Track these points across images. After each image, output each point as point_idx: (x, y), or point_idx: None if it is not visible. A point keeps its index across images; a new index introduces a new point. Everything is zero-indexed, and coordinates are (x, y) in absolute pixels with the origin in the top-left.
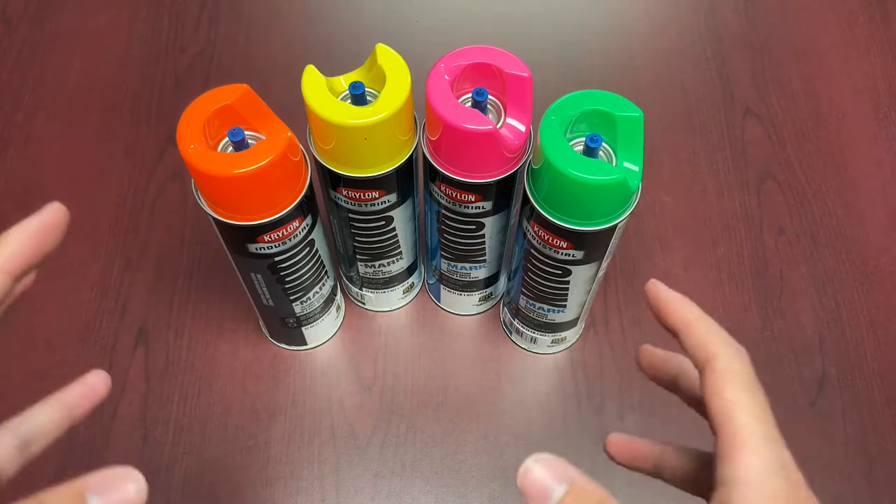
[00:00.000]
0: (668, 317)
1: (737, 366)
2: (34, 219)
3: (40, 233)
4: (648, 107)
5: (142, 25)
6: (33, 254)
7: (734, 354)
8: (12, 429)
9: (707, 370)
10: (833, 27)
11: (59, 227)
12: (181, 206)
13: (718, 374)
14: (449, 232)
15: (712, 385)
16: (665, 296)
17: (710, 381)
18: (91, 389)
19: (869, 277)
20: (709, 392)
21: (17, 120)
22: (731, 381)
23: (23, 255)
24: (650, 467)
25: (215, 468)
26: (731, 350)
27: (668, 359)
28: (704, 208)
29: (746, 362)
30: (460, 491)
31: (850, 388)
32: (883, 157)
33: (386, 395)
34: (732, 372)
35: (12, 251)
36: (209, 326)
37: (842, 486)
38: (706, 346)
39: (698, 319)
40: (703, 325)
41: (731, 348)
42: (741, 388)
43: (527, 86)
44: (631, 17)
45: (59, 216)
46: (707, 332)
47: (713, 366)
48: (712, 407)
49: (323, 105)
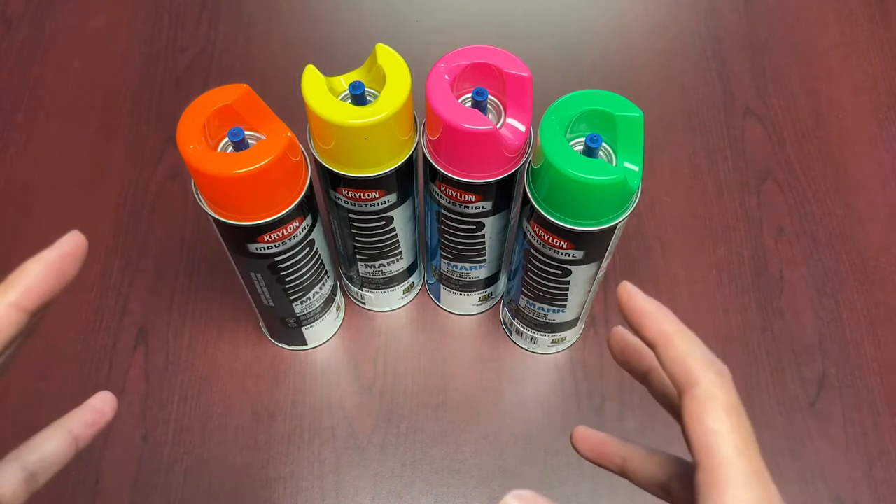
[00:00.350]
0: (645, 328)
1: (720, 392)
2: (52, 249)
3: (58, 264)
4: (648, 107)
5: (142, 25)
6: (51, 287)
7: (717, 380)
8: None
9: (688, 396)
10: (833, 27)
11: (78, 256)
12: (181, 206)
13: (700, 402)
14: (449, 232)
15: (693, 412)
16: (641, 304)
17: (691, 408)
18: (97, 414)
19: (869, 277)
20: (689, 419)
21: (17, 120)
22: (713, 409)
23: (40, 289)
24: (616, 468)
25: (215, 468)
26: (713, 374)
27: (641, 352)
28: (704, 208)
29: (730, 387)
30: (460, 491)
31: (850, 388)
32: (883, 157)
33: (386, 395)
34: (715, 399)
35: (29, 285)
36: (209, 326)
37: (842, 486)
38: (687, 369)
39: (678, 334)
40: (683, 343)
41: (714, 372)
42: (724, 416)
43: (527, 86)
44: (631, 17)
45: (78, 245)
46: (688, 351)
47: (694, 392)
48: (693, 435)
49: (323, 105)
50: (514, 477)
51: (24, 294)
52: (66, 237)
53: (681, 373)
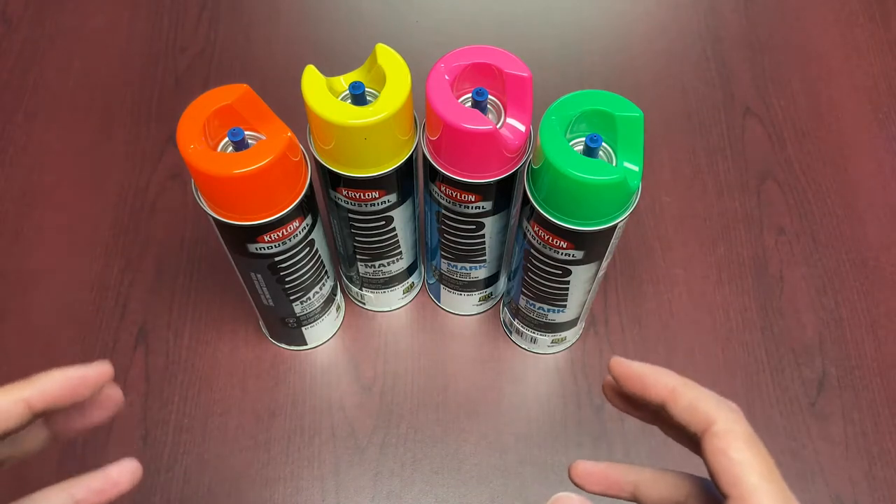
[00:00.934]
0: (649, 390)
1: (737, 426)
2: (80, 369)
3: (79, 383)
4: (648, 107)
5: (142, 25)
6: (61, 398)
7: (732, 415)
8: None
9: (707, 434)
10: (833, 27)
11: (97, 383)
12: (181, 206)
13: (720, 437)
14: (449, 232)
15: (715, 447)
16: (637, 370)
17: (713, 444)
18: (110, 483)
19: (869, 277)
20: (712, 454)
21: (17, 120)
22: (735, 441)
23: (52, 396)
24: (627, 495)
25: (215, 468)
26: (727, 411)
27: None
28: (704, 208)
29: (744, 421)
30: (460, 491)
31: (850, 388)
32: (883, 157)
33: (386, 395)
34: (734, 433)
35: (44, 388)
36: (209, 326)
37: (842, 486)
38: (701, 413)
39: (682, 386)
40: (690, 392)
41: (726, 410)
42: (745, 447)
43: (527, 86)
44: (631, 18)
45: (102, 375)
46: (697, 397)
47: (713, 430)
48: (718, 468)
49: (323, 105)
50: (514, 477)
51: (36, 394)
52: (98, 364)
53: (696, 417)
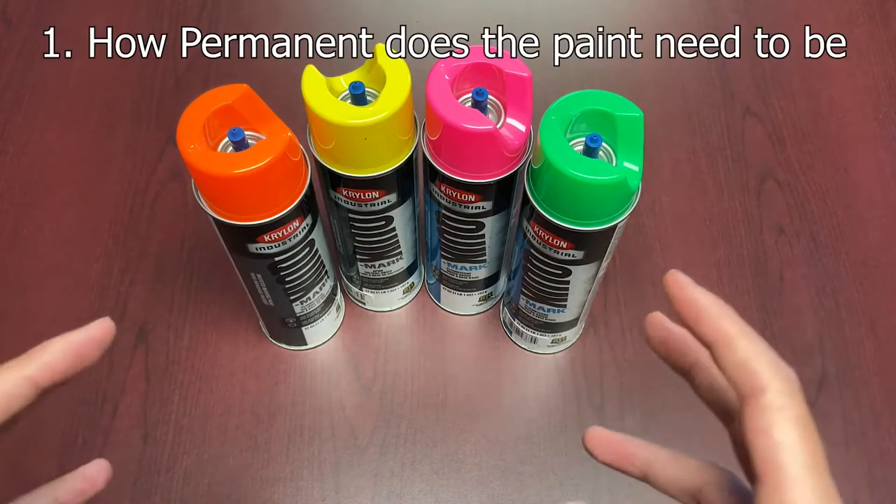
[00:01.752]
0: (702, 325)
1: (789, 402)
2: (80, 332)
3: (82, 346)
4: (648, 107)
5: (142, 25)
6: (69, 367)
7: (786, 387)
8: None
9: (752, 403)
10: (833, 27)
11: (103, 342)
12: (181, 206)
13: (767, 412)
14: (449, 232)
15: (758, 423)
16: (698, 299)
17: (756, 418)
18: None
19: (869, 277)
20: (752, 429)
21: (17, 120)
22: (783, 420)
23: (57, 368)
24: (637, 471)
25: (215, 468)
26: (782, 381)
27: (684, 344)
28: (704, 208)
29: (799, 395)
30: (460, 491)
31: (850, 388)
32: (883, 157)
33: (386, 395)
34: (784, 409)
35: (48, 361)
36: (209, 326)
37: (842, 486)
38: (753, 374)
39: (742, 335)
40: (749, 345)
41: (783, 378)
42: (794, 430)
43: (527, 86)
44: (631, 17)
45: (106, 331)
46: (753, 353)
47: (761, 401)
48: (757, 448)
49: (323, 105)
50: (514, 477)
51: (40, 369)
52: (98, 322)
53: (744, 378)
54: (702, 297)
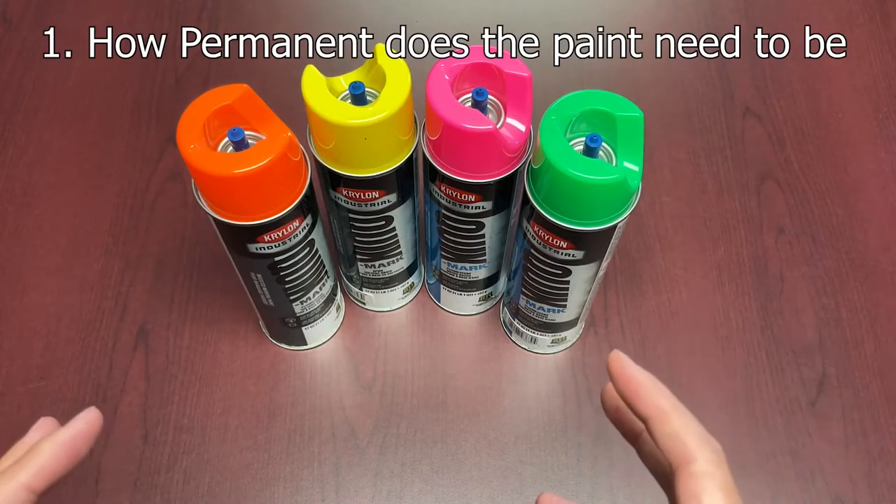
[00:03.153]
0: (639, 402)
1: (716, 470)
2: (67, 429)
3: (71, 444)
4: (648, 107)
5: (142, 25)
6: (62, 467)
7: (713, 457)
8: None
9: (684, 473)
10: (833, 27)
11: (92, 434)
12: (181, 206)
13: (696, 479)
14: (449, 232)
15: (688, 489)
16: (635, 376)
17: (687, 485)
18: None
19: (869, 277)
20: (684, 495)
21: (17, 120)
22: (710, 488)
23: (51, 470)
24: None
25: (215, 468)
26: (710, 452)
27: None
28: (704, 208)
29: (724, 465)
30: (460, 491)
31: (850, 388)
32: (883, 157)
33: (386, 395)
34: (712, 478)
35: (41, 466)
36: (209, 326)
37: (842, 486)
38: (684, 445)
39: (674, 410)
40: (678, 418)
41: (710, 450)
42: (720, 496)
43: (527, 86)
44: (631, 17)
45: (93, 423)
46: (683, 427)
47: (691, 469)
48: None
49: (323, 105)
50: (514, 477)
51: (34, 475)
52: (82, 415)
53: (675, 448)
54: (639, 374)
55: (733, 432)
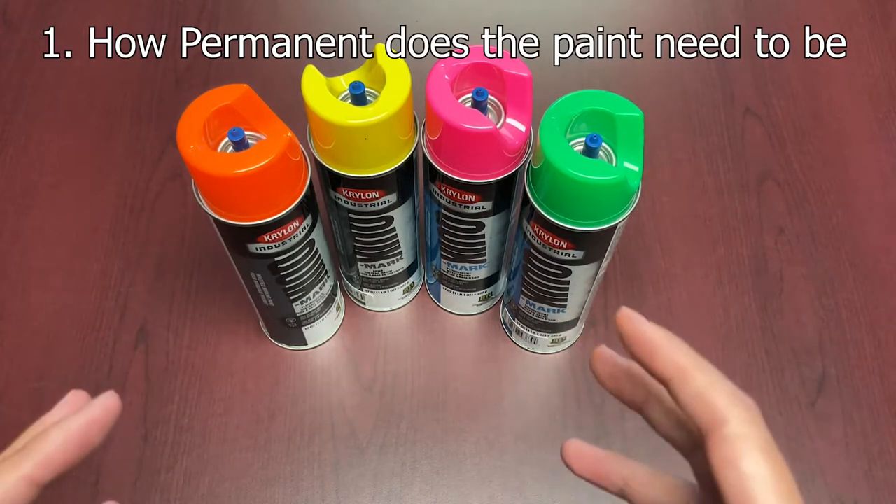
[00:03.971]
0: (656, 361)
1: (751, 430)
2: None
3: (83, 432)
4: (648, 107)
5: (142, 25)
6: (71, 458)
7: (747, 416)
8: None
9: (716, 436)
10: (833, 27)
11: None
12: (181, 206)
13: (731, 443)
14: (449, 232)
15: (724, 455)
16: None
17: (722, 450)
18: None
19: (869, 277)
20: (720, 462)
21: (17, 120)
22: (749, 450)
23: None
24: (615, 489)
25: (215, 468)
26: (743, 410)
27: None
28: (704, 208)
29: (761, 423)
30: (460, 491)
31: (850, 388)
32: (883, 157)
33: (386, 395)
34: (749, 439)
35: (48, 455)
36: (209, 326)
37: (842, 486)
38: (712, 406)
39: (697, 368)
40: (704, 377)
41: (743, 407)
42: (762, 459)
43: (527, 86)
44: (631, 17)
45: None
46: (710, 385)
47: (724, 432)
48: (726, 482)
49: (323, 105)
50: (514, 477)
51: (39, 466)
52: (100, 399)
53: (704, 410)
54: (654, 332)
55: None
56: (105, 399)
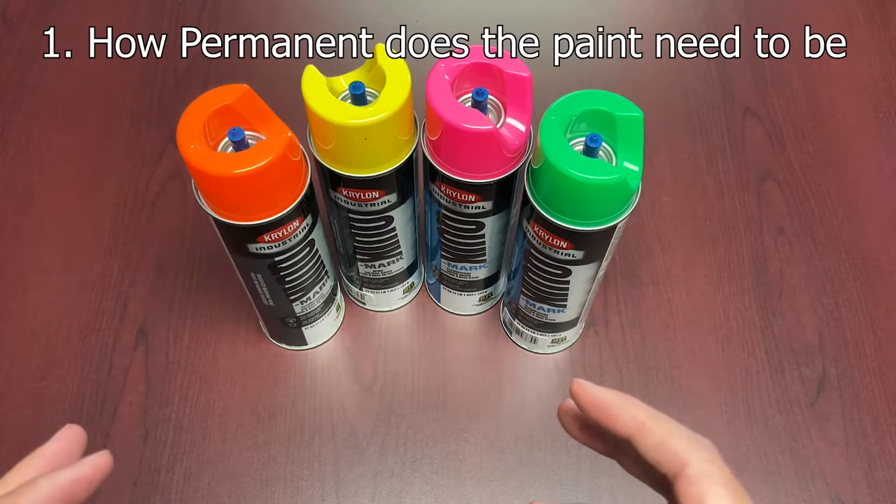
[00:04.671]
0: (616, 421)
1: (713, 468)
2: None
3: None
4: (648, 107)
5: (142, 25)
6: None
7: (706, 455)
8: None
9: (682, 478)
10: (833, 27)
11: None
12: (181, 206)
13: (696, 482)
14: (449, 232)
15: (691, 493)
16: (603, 397)
17: (689, 491)
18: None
19: (869, 277)
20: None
21: (17, 120)
22: (712, 486)
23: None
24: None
25: (215, 468)
26: (702, 450)
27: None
28: (704, 208)
29: (720, 460)
30: (460, 491)
31: (850, 388)
32: (883, 158)
33: (386, 395)
34: (711, 475)
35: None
36: (209, 326)
37: (842, 486)
38: (674, 452)
39: (653, 420)
40: (662, 427)
41: (702, 448)
42: (723, 493)
43: (527, 86)
44: (631, 17)
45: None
46: (669, 433)
47: (687, 473)
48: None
49: (323, 105)
50: (514, 477)
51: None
52: (91, 458)
53: (666, 457)
54: (608, 395)
55: (733, 432)
56: (97, 458)
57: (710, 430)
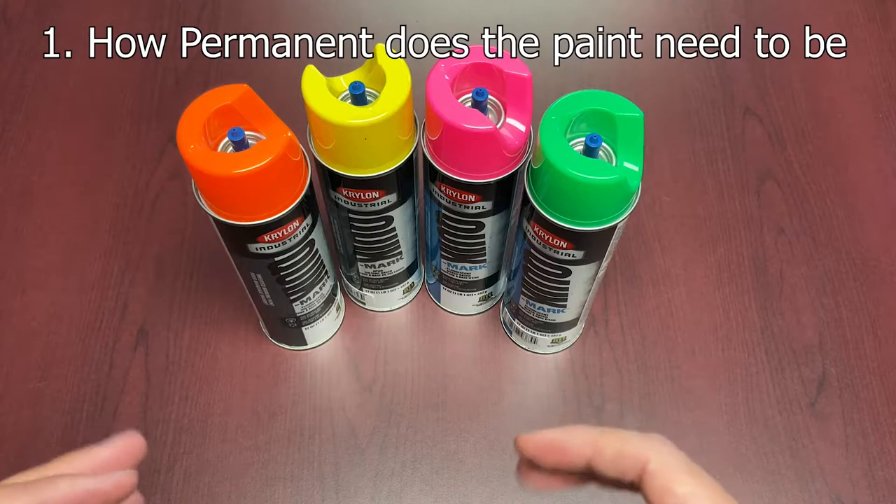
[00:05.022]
0: (570, 454)
1: (670, 458)
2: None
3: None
4: (648, 107)
5: (142, 25)
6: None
7: (662, 448)
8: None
9: (646, 475)
10: (833, 27)
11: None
12: (181, 206)
13: (659, 475)
14: (449, 232)
15: (658, 487)
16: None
17: (654, 484)
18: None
19: (869, 277)
20: (657, 495)
21: (17, 120)
22: (674, 474)
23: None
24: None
25: (215, 468)
26: (657, 445)
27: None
28: (704, 208)
29: (675, 449)
30: (460, 491)
31: (850, 388)
32: (883, 157)
33: (386, 395)
34: (672, 466)
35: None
36: (209, 326)
37: (842, 486)
38: (631, 457)
39: (603, 436)
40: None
41: (656, 443)
42: (689, 479)
43: (527, 86)
44: (631, 17)
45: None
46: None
47: (649, 469)
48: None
49: (323, 105)
50: (514, 477)
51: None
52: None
53: (626, 463)
54: (550, 435)
55: (733, 432)
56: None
57: (710, 430)
